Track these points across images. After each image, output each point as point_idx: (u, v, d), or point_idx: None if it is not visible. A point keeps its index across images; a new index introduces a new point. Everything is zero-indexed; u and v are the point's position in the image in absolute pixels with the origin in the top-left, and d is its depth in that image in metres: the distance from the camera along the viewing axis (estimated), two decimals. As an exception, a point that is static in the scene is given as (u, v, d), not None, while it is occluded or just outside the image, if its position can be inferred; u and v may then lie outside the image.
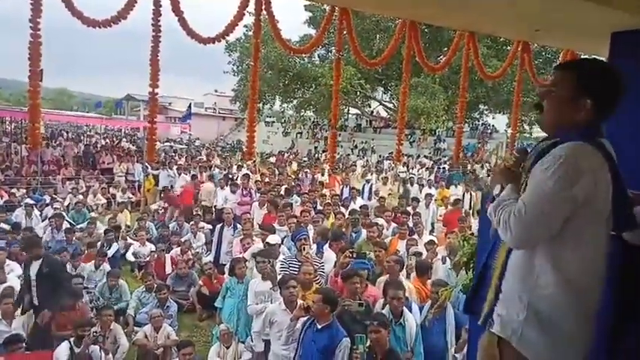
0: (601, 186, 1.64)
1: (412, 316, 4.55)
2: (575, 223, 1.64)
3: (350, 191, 11.86)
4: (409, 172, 18.20)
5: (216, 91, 51.18)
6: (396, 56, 6.82)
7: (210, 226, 9.65)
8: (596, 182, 1.62)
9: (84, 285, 6.74)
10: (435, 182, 14.74)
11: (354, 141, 30.61)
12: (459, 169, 18.31)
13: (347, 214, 8.88)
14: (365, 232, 7.45)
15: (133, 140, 29.73)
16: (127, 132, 34.10)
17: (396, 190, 14.24)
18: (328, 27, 4.96)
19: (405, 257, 6.39)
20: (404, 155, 18.81)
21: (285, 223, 7.87)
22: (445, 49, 21.91)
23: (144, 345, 5.52)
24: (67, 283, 6.13)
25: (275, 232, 7.06)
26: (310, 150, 29.27)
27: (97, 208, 12.34)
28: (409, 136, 26.83)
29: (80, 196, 12.17)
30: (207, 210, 11.15)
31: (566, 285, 1.66)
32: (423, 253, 6.67)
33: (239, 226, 8.06)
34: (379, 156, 25.22)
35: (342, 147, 26.29)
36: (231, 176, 13.43)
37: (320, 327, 3.99)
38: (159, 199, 12.99)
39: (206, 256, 8.51)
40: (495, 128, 30.99)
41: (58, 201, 11.52)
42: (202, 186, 12.23)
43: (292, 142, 33.42)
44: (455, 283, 4.52)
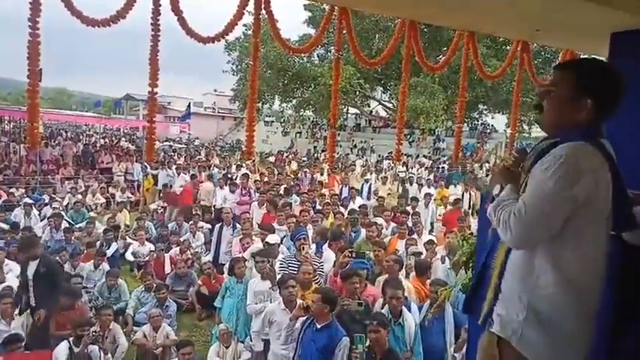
0: (601, 186, 1.63)
1: (411, 315, 4.56)
2: (575, 223, 1.64)
3: (349, 191, 11.84)
4: (408, 171, 18.19)
5: (215, 91, 51.13)
6: (395, 56, 6.84)
7: (209, 225, 9.66)
8: (597, 182, 1.62)
9: (83, 285, 6.75)
10: (435, 182, 14.73)
11: (353, 141, 30.59)
12: (458, 168, 18.31)
13: (346, 213, 8.87)
14: (364, 232, 7.45)
15: (132, 140, 29.70)
16: (126, 131, 34.04)
17: (396, 189, 14.23)
18: (327, 26, 4.95)
19: (404, 257, 6.39)
20: (403, 155, 18.79)
21: (285, 223, 7.87)
22: (444, 49, 21.93)
23: (143, 345, 5.52)
24: (66, 283, 6.13)
25: (274, 232, 7.06)
26: (309, 149, 29.24)
27: (96, 208, 12.35)
28: (408, 136, 26.80)
29: (79, 196, 12.17)
30: (206, 209, 11.17)
31: (566, 285, 1.66)
32: (423, 253, 6.67)
33: (238, 225, 8.08)
34: (378, 155, 25.19)
35: (341, 147, 26.26)
36: (230, 176, 13.39)
37: (319, 327, 3.99)
38: (158, 198, 12.98)
39: (205, 256, 8.51)
40: (494, 128, 31.02)
41: (57, 200, 11.51)
42: (201, 185, 12.20)
43: (291, 141, 33.40)
44: (454, 283, 4.53)
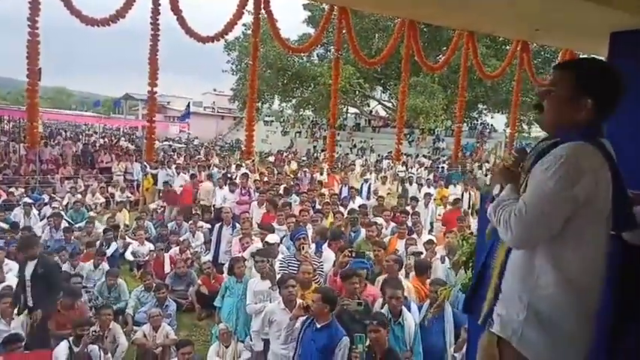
0: (602, 185, 1.63)
1: (411, 315, 4.56)
2: (576, 222, 1.64)
3: (349, 190, 11.84)
4: (408, 171, 18.20)
5: (214, 90, 51.07)
6: (395, 55, 6.83)
7: (209, 225, 9.67)
8: (597, 182, 1.62)
9: (83, 284, 6.75)
10: (434, 182, 14.74)
11: (352, 140, 30.58)
12: (457, 168, 18.32)
13: (346, 213, 8.86)
14: (364, 232, 7.45)
15: (132, 139, 29.66)
16: (125, 131, 33.99)
17: (395, 189, 14.21)
18: (327, 26, 4.93)
19: (404, 256, 6.39)
20: (403, 155, 18.77)
21: (284, 223, 7.86)
22: (444, 49, 21.92)
23: (143, 344, 5.52)
24: (65, 283, 6.13)
25: (274, 232, 7.06)
26: (309, 149, 29.21)
27: (95, 208, 12.35)
28: (408, 136, 26.80)
29: (79, 195, 12.17)
30: (205, 209, 11.17)
31: (567, 285, 1.66)
32: (422, 253, 6.67)
33: (238, 225, 8.07)
34: (378, 155, 25.17)
35: (340, 146, 26.23)
36: (229, 175, 13.39)
37: (319, 326, 3.99)
38: (157, 198, 12.98)
39: (205, 256, 8.52)
40: (494, 128, 31.05)
41: (56, 200, 11.51)
42: (201, 185, 12.21)
43: (291, 141, 33.38)
44: (454, 283, 4.54)
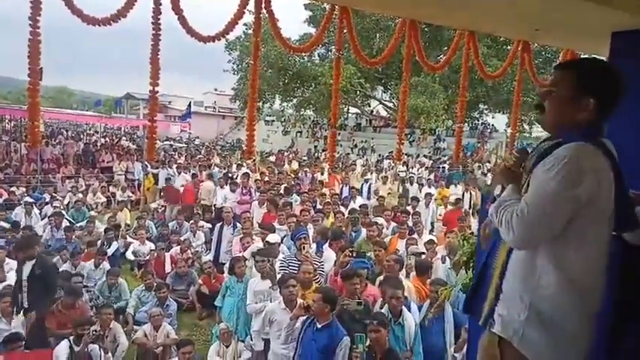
0: (604, 185, 1.63)
1: (411, 315, 4.55)
2: (578, 223, 1.64)
3: (350, 190, 11.84)
4: (409, 171, 18.16)
5: (215, 90, 51.12)
6: (396, 55, 6.81)
7: (209, 225, 9.67)
8: (599, 182, 1.62)
9: (83, 283, 6.74)
10: (435, 182, 14.72)
11: (353, 140, 30.57)
12: (458, 168, 18.29)
13: (347, 213, 8.86)
14: (365, 232, 7.45)
15: (133, 139, 29.70)
16: (126, 130, 34.00)
17: (396, 189, 14.19)
18: (328, 26, 4.95)
19: (404, 256, 6.39)
20: (404, 154, 18.75)
21: (285, 222, 7.87)
22: (445, 49, 21.92)
23: (143, 344, 5.52)
24: (66, 283, 6.13)
25: (275, 231, 7.06)
26: (310, 149, 29.20)
27: (96, 207, 12.36)
28: (409, 136, 26.79)
29: (80, 195, 12.17)
30: (206, 209, 11.17)
31: (569, 285, 1.66)
32: (423, 253, 6.66)
33: (239, 225, 8.08)
34: (379, 155, 25.15)
35: (341, 146, 26.25)
36: (230, 175, 13.40)
37: (320, 326, 3.99)
38: (158, 197, 12.99)
39: (206, 255, 8.52)
40: (495, 128, 30.99)
41: (57, 199, 11.53)
42: (202, 185, 12.20)
43: (292, 141, 33.37)
44: (454, 283, 4.53)
